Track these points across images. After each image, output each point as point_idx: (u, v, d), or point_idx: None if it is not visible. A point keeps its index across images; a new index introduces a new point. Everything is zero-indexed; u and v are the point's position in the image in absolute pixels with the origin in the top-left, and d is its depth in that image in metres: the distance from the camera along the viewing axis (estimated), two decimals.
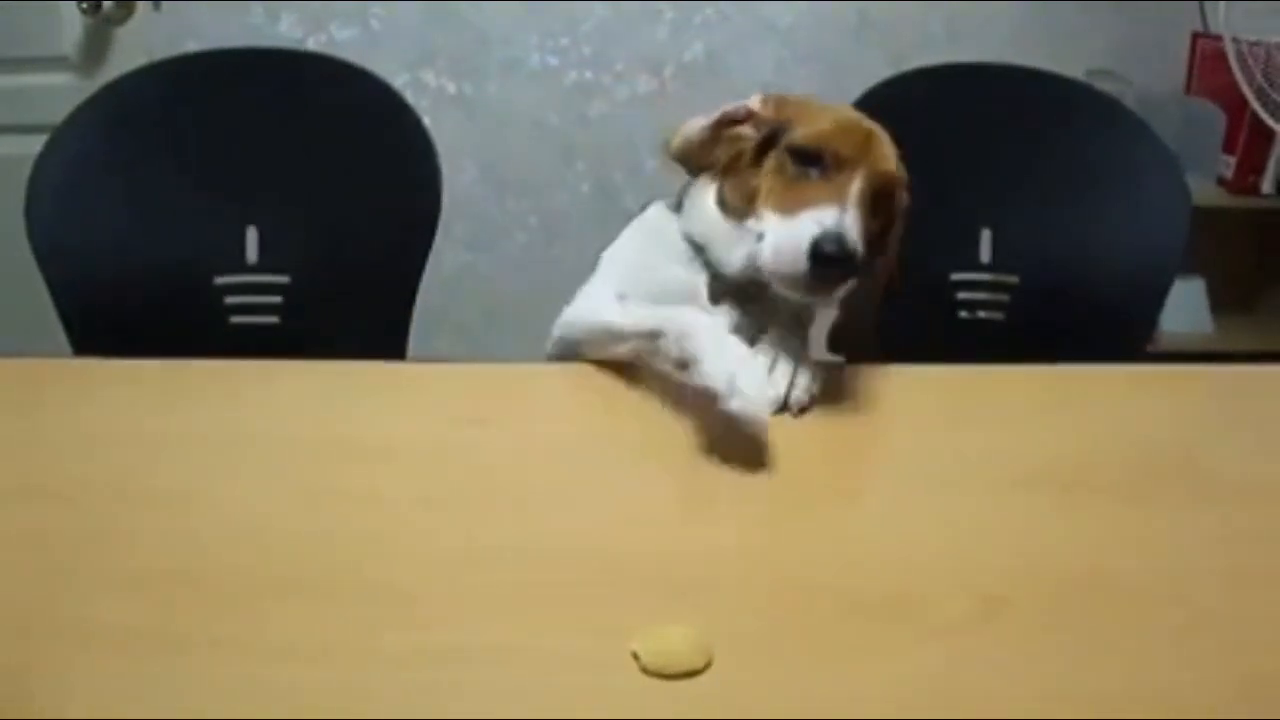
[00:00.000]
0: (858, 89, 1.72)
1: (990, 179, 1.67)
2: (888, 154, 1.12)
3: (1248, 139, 2.68)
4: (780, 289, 1.07)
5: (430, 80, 2.64)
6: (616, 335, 1.16)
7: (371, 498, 0.92)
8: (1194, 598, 0.82)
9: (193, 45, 1.75)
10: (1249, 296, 2.90)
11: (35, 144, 1.55)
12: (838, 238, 1.01)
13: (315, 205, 1.63)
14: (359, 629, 0.74)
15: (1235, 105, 2.63)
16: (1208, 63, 2.73)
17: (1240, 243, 2.83)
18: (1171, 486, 0.99)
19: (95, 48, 2.21)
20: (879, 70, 1.79)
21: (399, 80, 1.75)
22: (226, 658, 0.71)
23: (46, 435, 1.03)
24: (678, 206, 1.25)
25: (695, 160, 1.21)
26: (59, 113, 1.58)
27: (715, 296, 1.18)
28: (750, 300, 1.16)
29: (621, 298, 1.20)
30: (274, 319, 1.60)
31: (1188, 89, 2.80)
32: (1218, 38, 2.58)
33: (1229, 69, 2.55)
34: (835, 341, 1.26)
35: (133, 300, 1.52)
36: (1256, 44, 2.52)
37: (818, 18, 2.68)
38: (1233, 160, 2.72)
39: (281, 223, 1.62)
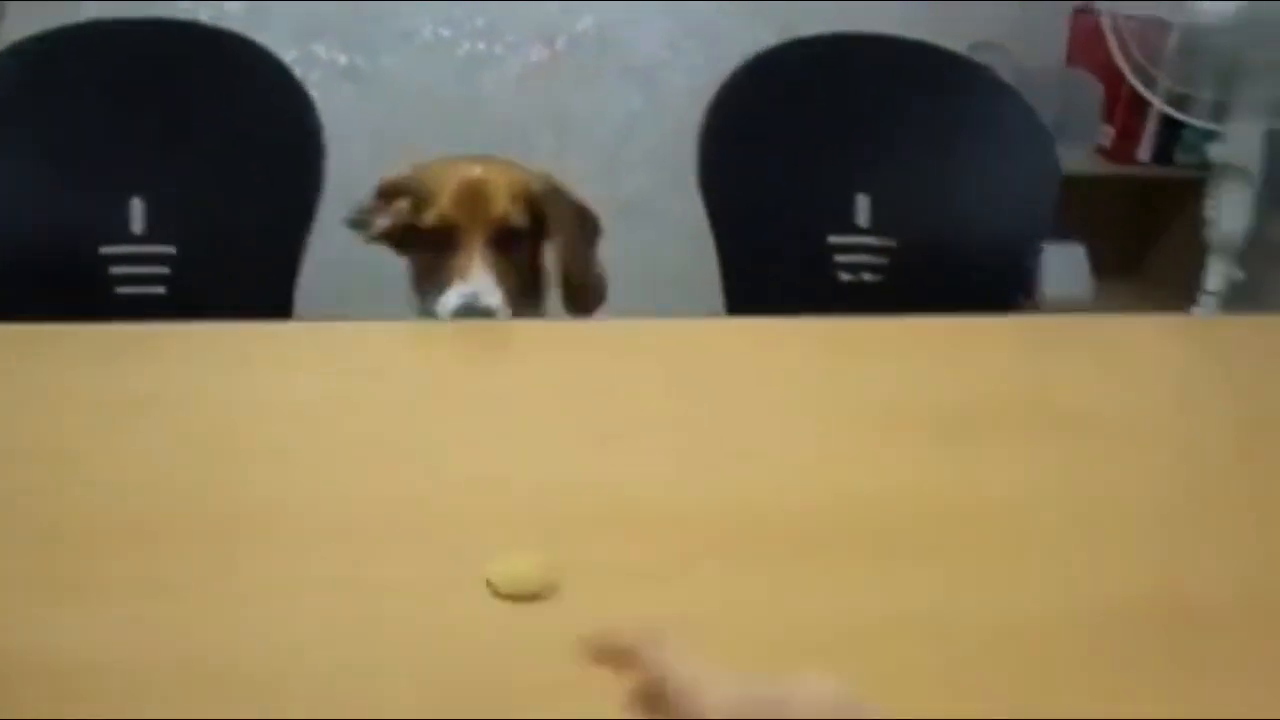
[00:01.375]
0: None
1: (865, 145, 1.72)
2: (499, 201, 1.32)
3: (1125, 110, 2.77)
4: None
5: (321, 53, 2.62)
6: None
7: (259, 449, 0.95)
8: (1048, 527, 0.87)
9: (82, 17, 1.73)
10: (1128, 262, 3.00)
11: None
12: (470, 306, 1.26)
13: (201, 177, 1.63)
14: (241, 567, 0.78)
15: (1114, 77, 2.71)
16: (1087, 36, 2.81)
17: (1119, 210, 2.93)
18: (1031, 427, 1.05)
19: None
20: (769, 43, 1.82)
21: (290, 54, 1.75)
22: (113, 598, 0.74)
23: None
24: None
25: (368, 228, 1.38)
26: None
27: None
28: None
29: None
30: (160, 289, 1.60)
31: (1069, 61, 2.88)
32: (1096, 12, 2.66)
33: (1106, 43, 2.63)
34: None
35: (17, 270, 1.51)
36: (1131, 18, 2.60)
37: None
38: (1112, 130, 2.81)
39: (168, 194, 1.62)
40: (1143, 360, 1.25)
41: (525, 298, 1.34)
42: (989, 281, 1.69)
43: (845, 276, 1.72)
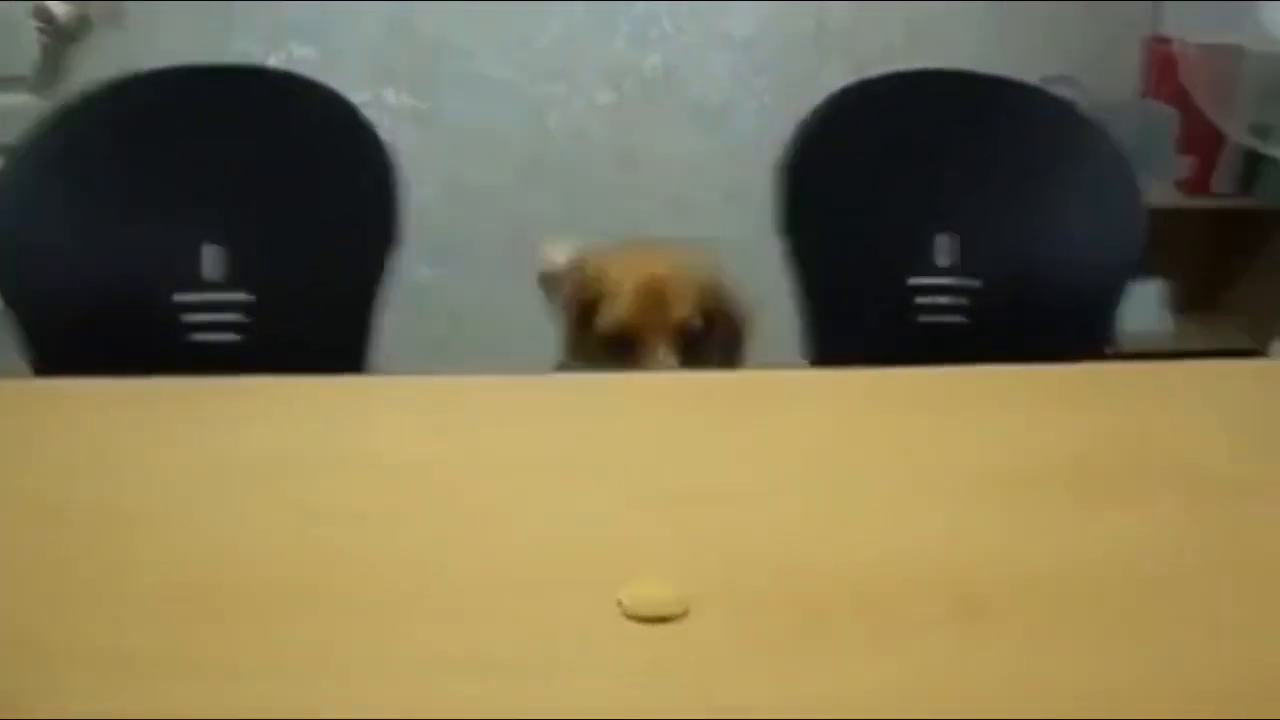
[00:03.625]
0: (817, 99, 1.73)
1: (948, 184, 1.68)
2: (680, 303, 1.33)
3: (1203, 141, 2.71)
4: None
5: (390, 97, 2.63)
6: None
7: (340, 511, 0.92)
8: (1172, 593, 0.82)
9: (151, 63, 1.73)
10: (1207, 296, 2.93)
11: None
12: None
13: (275, 222, 1.62)
14: (341, 640, 0.75)
15: (1191, 108, 2.66)
16: (1163, 66, 2.77)
17: (1198, 243, 2.86)
18: (1141, 481, 0.99)
19: (52, 67, 2.19)
20: (838, 80, 1.79)
21: (360, 97, 1.74)
22: (207, 675, 0.71)
23: (9, 456, 1.02)
24: None
25: (553, 287, 1.41)
26: (17, 134, 1.57)
27: None
28: None
29: None
30: (235, 336, 1.59)
31: (1144, 92, 2.83)
32: (1170, 41, 2.61)
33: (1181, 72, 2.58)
34: None
35: (89, 319, 1.51)
36: (1206, 47, 2.55)
37: (776, 28, 2.70)
38: (1189, 161, 2.75)
39: (242, 240, 1.61)
40: (1244, 407, 1.20)
41: None
42: (1075, 322, 1.64)
43: (926, 318, 1.68)
